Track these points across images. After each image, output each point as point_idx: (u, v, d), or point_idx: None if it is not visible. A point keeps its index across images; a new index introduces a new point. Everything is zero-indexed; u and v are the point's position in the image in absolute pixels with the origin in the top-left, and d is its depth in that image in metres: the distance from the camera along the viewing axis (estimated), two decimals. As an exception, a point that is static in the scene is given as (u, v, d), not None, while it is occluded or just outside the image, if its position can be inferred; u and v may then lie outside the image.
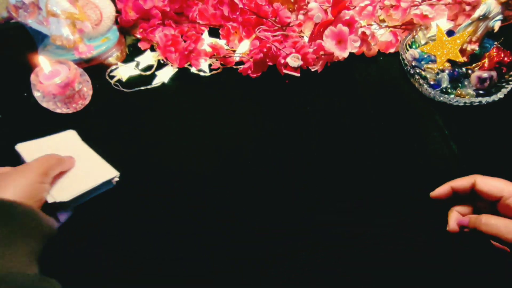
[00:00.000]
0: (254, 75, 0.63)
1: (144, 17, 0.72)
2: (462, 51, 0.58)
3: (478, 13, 0.56)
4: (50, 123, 0.59)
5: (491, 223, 0.35)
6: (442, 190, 0.41)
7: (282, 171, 0.52)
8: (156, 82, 0.64)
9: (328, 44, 0.60)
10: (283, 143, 0.55)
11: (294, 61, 0.55)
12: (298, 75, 0.59)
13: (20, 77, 0.61)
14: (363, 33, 0.60)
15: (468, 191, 0.40)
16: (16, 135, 0.58)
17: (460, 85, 0.58)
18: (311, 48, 0.62)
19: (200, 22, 0.71)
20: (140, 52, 0.70)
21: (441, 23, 0.62)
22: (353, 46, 0.59)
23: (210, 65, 0.66)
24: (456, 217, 0.40)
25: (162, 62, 0.68)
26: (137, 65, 0.68)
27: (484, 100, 0.53)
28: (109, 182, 0.46)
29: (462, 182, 0.40)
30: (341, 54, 0.60)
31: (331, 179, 0.51)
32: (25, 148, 0.47)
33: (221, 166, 0.53)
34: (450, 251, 0.43)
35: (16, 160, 0.48)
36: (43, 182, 0.38)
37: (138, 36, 0.71)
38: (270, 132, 0.57)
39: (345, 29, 0.58)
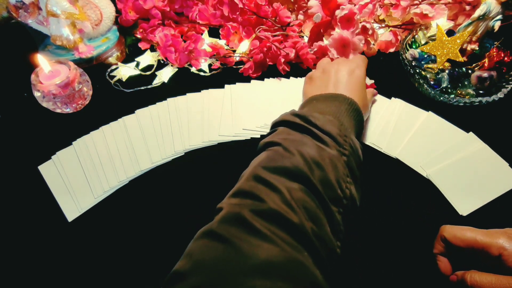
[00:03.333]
0: (255, 75, 0.63)
1: (144, 17, 0.72)
2: (462, 51, 0.58)
3: (478, 13, 0.56)
4: (50, 123, 0.59)
5: (476, 281, 0.35)
6: (441, 264, 0.40)
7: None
8: (156, 82, 0.64)
9: (335, 52, 0.59)
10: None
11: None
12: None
13: (20, 77, 0.61)
14: (363, 27, 0.59)
15: (444, 245, 0.39)
16: (16, 135, 0.58)
17: (460, 85, 0.58)
18: (312, 50, 0.62)
19: (200, 22, 0.71)
20: (140, 52, 0.70)
21: (441, 22, 0.62)
22: (358, 45, 0.59)
23: (210, 65, 0.66)
24: (444, 264, 0.40)
25: (162, 62, 0.68)
26: (137, 65, 0.68)
27: (484, 100, 0.53)
28: None
29: (438, 246, 0.40)
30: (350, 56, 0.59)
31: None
32: None
33: (222, 166, 0.53)
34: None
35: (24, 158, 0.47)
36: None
37: (138, 36, 0.71)
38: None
39: (345, 32, 0.58)
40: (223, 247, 0.28)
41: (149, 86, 0.64)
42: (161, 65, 0.67)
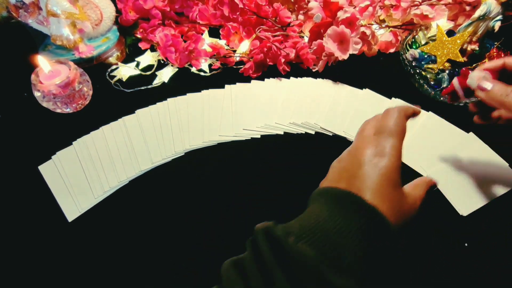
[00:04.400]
0: (255, 75, 0.63)
1: (144, 17, 0.72)
2: (462, 51, 0.58)
3: (478, 13, 0.56)
4: (50, 123, 0.59)
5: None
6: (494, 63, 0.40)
7: (282, 170, 0.52)
8: (156, 82, 0.64)
9: (329, 44, 0.59)
10: (284, 143, 0.55)
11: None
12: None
13: (20, 77, 0.61)
14: (363, 33, 0.59)
15: (498, 69, 0.40)
16: (16, 135, 0.58)
17: (460, 85, 0.58)
18: (311, 49, 0.62)
19: (200, 22, 0.71)
20: (140, 52, 0.70)
21: (441, 23, 0.62)
22: (354, 48, 0.59)
23: (210, 65, 0.66)
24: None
25: (162, 62, 0.68)
26: (137, 65, 0.68)
27: (484, 100, 0.53)
28: None
29: (495, 62, 0.40)
30: (341, 55, 0.60)
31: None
32: None
33: (222, 166, 0.53)
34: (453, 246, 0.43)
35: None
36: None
37: (138, 36, 0.71)
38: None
39: (347, 31, 0.58)
40: None
41: (149, 86, 0.64)
42: (161, 65, 0.67)
